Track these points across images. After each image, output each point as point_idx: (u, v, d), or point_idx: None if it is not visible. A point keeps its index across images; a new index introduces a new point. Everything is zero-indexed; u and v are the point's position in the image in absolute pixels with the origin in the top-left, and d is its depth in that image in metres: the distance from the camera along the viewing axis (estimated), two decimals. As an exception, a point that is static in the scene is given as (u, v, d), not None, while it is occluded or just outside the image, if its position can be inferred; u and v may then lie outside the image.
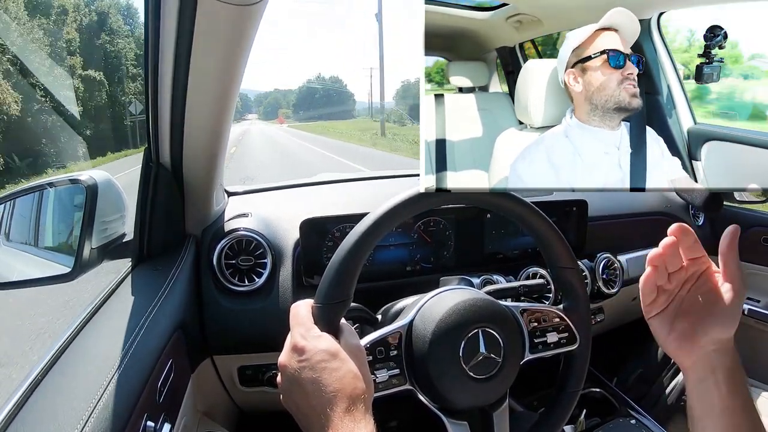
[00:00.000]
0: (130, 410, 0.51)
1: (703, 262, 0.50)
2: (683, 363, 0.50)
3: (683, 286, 0.51)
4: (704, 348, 0.48)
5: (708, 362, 0.48)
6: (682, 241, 0.49)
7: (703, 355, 0.48)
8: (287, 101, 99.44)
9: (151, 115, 0.71)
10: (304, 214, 0.90)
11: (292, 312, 0.51)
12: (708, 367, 0.48)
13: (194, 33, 0.55)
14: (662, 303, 0.51)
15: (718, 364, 0.48)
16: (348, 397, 0.44)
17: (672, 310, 0.51)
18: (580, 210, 1.09)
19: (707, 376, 0.48)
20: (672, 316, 0.51)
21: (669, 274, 0.50)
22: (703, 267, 0.50)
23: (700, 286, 0.50)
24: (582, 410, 1.10)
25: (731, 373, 0.48)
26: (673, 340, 0.50)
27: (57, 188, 0.82)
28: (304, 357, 0.46)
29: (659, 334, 0.52)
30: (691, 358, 0.49)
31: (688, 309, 0.50)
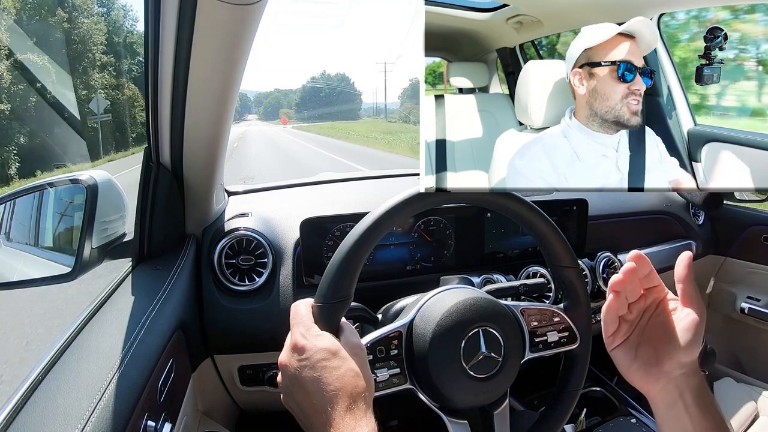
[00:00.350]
0: (131, 410, 0.51)
1: (660, 290, 0.51)
2: (650, 392, 0.50)
3: (643, 315, 0.52)
4: (670, 373, 0.48)
5: (675, 387, 0.48)
6: (638, 271, 0.49)
7: (670, 380, 0.49)
8: (288, 101, 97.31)
9: (151, 115, 0.71)
10: (304, 214, 0.90)
11: (293, 311, 0.51)
12: (675, 391, 0.48)
13: (194, 33, 0.55)
14: (624, 333, 0.52)
15: (685, 387, 0.48)
16: (349, 396, 0.44)
17: (634, 339, 0.52)
18: (581, 209, 1.09)
19: (675, 401, 0.48)
20: (635, 345, 0.51)
21: (629, 304, 0.51)
22: (661, 295, 0.51)
23: (659, 313, 0.51)
24: (582, 409, 1.11)
25: (699, 394, 0.48)
26: (638, 368, 0.50)
27: (57, 188, 0.82)
28: (305, 356, 0.46)
29: (623, 364, 0.52)
30: (658, 385, 0.49)
31: (650, 336, 0.51)
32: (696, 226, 1.42)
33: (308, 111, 76.68)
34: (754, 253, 1.44)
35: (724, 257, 1.50)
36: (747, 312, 1.42)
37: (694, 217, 1.44)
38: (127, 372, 0.54)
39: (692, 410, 0.47)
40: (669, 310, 0.50)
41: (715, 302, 1.54)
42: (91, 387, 0.50)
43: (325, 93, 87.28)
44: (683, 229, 1.37)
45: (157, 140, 0.74)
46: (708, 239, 1.43)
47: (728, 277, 1.51)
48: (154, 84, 0.66)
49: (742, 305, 1.44)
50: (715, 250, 1.48)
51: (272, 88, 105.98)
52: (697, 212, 1.46)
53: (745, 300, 1.45)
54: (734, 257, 1.48)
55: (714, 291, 1.55)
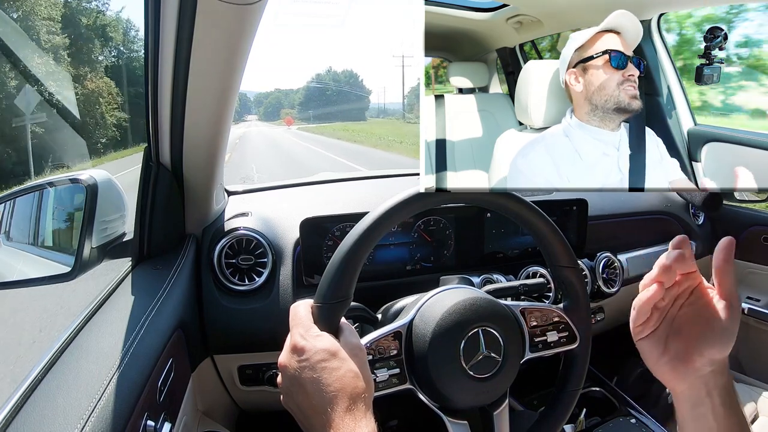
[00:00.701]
0: (131, 409, 0.51)
1: (695, 278, 0.47)
2: (676, 387, 0.47)
3: (675, 302, 0.48)
4: (699, 370, 0.45)
5: (703, 385, 0.45)
6: (683, 256, 0.45)
7: (698, 377, 0.45)
8: (290, 101, 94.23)
9: (151, 115, 0.71)
10: (304, 214, 0.90)
11: (292, 312, 0.51)
12: (703, 389, 0.45)
13: (194, 33, 0.55)
14: (654, 322, 0.48)
15: (713, 385, 0.45)
16: (348, 397, 0.44)
17: (664, 330, 0.47)
18: (581, 209, 1.09)
19: (702, 399, 0.45)
20: (664, 336, 0.47)
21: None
22: (696, 282, 0.47)
23: (693, 302, 0.47)
24: (582, 409, 1.11)
25: (727, 394, 0.45)
26: (666, 362, 0.47)
27: (57, 188, 0.82)
28: (304, 357, 0.46)
29: (650, 356, 0.48)
30: (686, 382, 0.46)
31: (681, 328, 0.47)
32: (696, 227, 1.42)
33: (313, 110, 71.85)
34: (753, 254, 1.44)
35: None
36: (747, 312, 1.42)
37: (694, 217, 1.44)
38: (127, 371, 0.54)
39: (718, 410, 0.44)
40: (704, 299, 0.46)
41: (714, 302, 1.54)
42: (90, 386, 0.50)
43: (331, 91, 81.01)
44: (683, 229, 1.37)
45: (157, 140, 0.74)
46: (708, 239, 1.43)
47: (728, 277, 1.50)
48: (154, 84, 0.66)
49: (741, 305, 1.44)
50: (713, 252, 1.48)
51: (273, 88, 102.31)
52: (696, 212, 1.46)
53: (744, 300, 1.45)
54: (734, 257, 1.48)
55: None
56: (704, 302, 0.46)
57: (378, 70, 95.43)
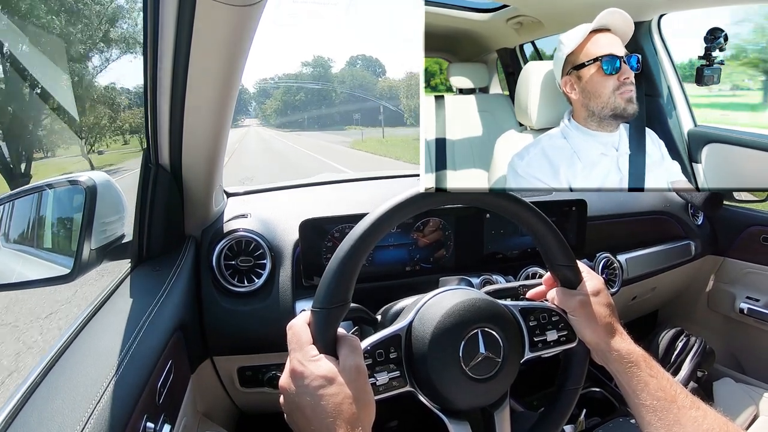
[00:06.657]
0: (130, 411, 0.51)
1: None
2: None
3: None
4: (596, 351, 0.62)
5: (605, 362, 0.61)
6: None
7: (598, 355, 0.62)
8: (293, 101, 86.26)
9: (150, 117, 0.71)
10: (303, 215, 0.90)
11: (289, 333, 0.50)
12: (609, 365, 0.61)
13: (193, 34, 0.55)
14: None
15: (610, 360, 0.60)
16: (346, 422, 0.45)
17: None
18: (580, 210, 1.09)
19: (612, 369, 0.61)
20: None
21: None
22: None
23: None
24: (582, 410, 1.10)
25: (618, 362, 0.60)
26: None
27: (56, 189, 0.81)
28: (302, 383, 0.46)
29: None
30: (600, 362, 0.62)
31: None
32: (695, 227, 1.42)
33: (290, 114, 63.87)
34: (753, 254, 1.44)
35: (723, 257, 1.50)
36: (746, 312, 1.43)
37: (693, 217, 1.44)
38: (126, 373, 0.54)
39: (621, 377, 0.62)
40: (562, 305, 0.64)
41: (714, 302, 1.55)
42: (89, 388, 0.50)
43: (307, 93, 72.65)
44: (682, 229, 1.37)
45: (156, 142, 0.74)
46: (707, 239, 1.43)
47: (727, 277, 1.51)
48: (153, 85, 0.66)
49: (741, 305, 1.44)
50: (714, 251, 1.49)
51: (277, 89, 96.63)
52: (696, 212, 1.46)
53: (744, 300, 1.45)
54: (733, 257, 1.48)
55: (713, 291, 1.55)
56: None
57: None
